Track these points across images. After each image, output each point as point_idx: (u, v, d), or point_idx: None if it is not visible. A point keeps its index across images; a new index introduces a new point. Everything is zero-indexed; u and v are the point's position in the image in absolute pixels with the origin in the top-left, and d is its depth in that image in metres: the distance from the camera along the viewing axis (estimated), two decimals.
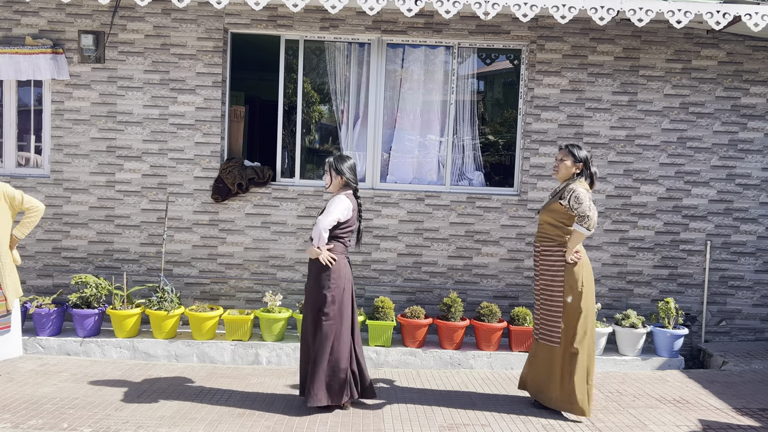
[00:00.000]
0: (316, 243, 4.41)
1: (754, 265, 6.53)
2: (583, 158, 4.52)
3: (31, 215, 4.84)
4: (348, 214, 4.45)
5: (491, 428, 4.31)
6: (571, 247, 4.43)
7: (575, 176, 4.55)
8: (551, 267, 4.52)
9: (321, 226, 4.37)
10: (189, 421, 4.25)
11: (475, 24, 6.32)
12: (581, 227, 4.37)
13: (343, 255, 4.50)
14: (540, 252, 4.61)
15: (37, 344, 5.74)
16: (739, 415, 4.64)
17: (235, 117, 6.74)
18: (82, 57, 6.26)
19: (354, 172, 4.54)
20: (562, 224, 4.48)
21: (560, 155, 4.57)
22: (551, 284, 4.52)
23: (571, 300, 4.44)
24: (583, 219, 4.35)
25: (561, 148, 4.63)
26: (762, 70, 6.43)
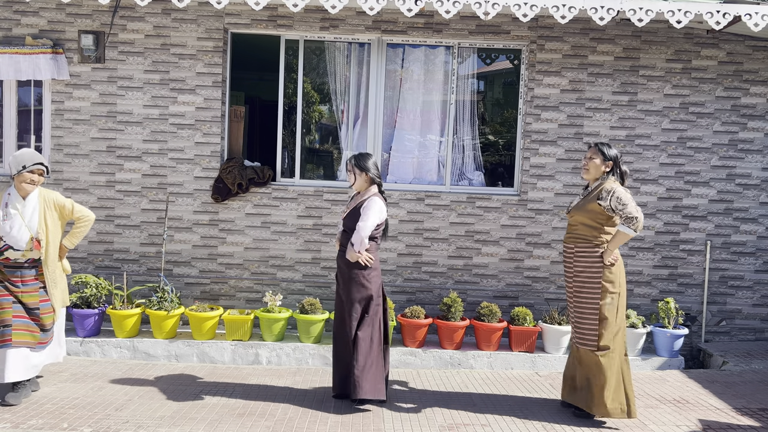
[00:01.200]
0: (358, 248, 4.45)
1: (754, 265, 6.53)
2: (613, 156, 4.43)
3: (81, 225, 4.63)
4: (383, 215, 4.56)
5: (491, 428, 4.31)
6: (612, 249, 4.32)
7: (605, 175, 4.45)
8: (588, 268, 4.39)
9: (363, 234, 4.43)
10: (189, 421, 4.25)
11: (475, 24, 6.32)
12: (628, 229, 4.28)
13: (376, 252, 4.61)
14: (574, 253, 4.46)
15: None
16: (739, 415, 4.64)
17: (235, 117, 6.74)
18: (82, 57, 6.26)
19: (378, 168, 4.64)
20: (599, 225, 4.37)
21: (589, 153, 4.47)
22: (587, 286, 4.39)
23: (609, 302, 4.34)
24: (630, 221, 4.25)
25: (590, 146, 4.53)
26: (762, 70, 6.43)
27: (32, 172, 4.34)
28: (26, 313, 4.43)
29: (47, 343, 4.56)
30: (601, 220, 4.37)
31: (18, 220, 4.37)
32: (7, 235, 4.36)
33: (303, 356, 5.79)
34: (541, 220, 6.44)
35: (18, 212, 4.39)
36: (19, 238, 4.37)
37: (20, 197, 4.41)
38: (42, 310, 4.47)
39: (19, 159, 4.32)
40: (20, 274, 4.42)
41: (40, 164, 4.36)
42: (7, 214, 4.37)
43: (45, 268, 4.48)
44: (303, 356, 5.79)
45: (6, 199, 4.41)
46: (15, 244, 4.37)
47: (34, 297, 4.45)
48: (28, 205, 4.41)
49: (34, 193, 4.45)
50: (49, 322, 4.51)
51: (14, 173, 4.32)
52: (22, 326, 4.39)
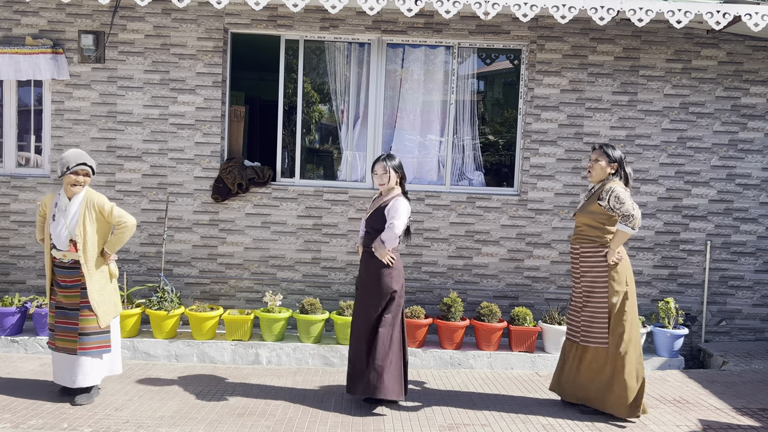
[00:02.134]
0: (390, 246, 4.50)
1: (754, 265, 6.53)
2: (618, 158, 4.49)
3: (120, 231, 4.51)
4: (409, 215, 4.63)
5: (491, 428, 4.31)
6: (614, 248, 4.39)
7: (610, 176, 4.51)
8: (593, 268, 4.46)
9: (397, 232, 4.49)
10: (189, 421, 4.25)
11: (475, 24, 6.32)
12: (626, 227, 4.34)
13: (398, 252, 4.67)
14: (580, 254, 4.53)
15: (37, 344, 5.74)
16: (739, 415, 4.64)
17: (235, 117, 6.74)
18: (82, 57, 6.26)
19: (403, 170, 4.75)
20: (602, 225, 4.44)
21: (594, 156, 4.52)
22: (594, 286, 4.46)
23: (616, 301, 4.41)
24: (627, 219, 4.32)
25: (594, 148, 4.57)
26: (762, 70, 6.43)
27: (76, 173, 4.36)
28: (66, 318, 4.46)
29: (94, 350, 4.44)
30: (602, 220, 4.43)
31: (62, 220, 4.43)
32: (54, 236, 4.45)
33: (303, 356, 5.79)
34: (541, 220, 6.44)
35: (62, 213, 4.45)
36: (62, 239, 4.44)
37: (67, 198, 4.46)
38: (82, 312, 4.42)
39: (64, 161, 4.36)
40: (64, 273, 4.47)
41: (83, 164, 4.38)
42: (56, 215, 4.45)
43: (84, 270, 4.46)
44: (303, 356, 5.79)
45: (56, 200, 4.49)
46: (58, 244, 4.45)
47: (75, 298, 4.45)
48: (71, 207, 4.45)
49: (80, 194, 4.47)
50: (88, 326, 4.41)
51: (59, 174, 4.37)
52: (63, 333, 4.46)
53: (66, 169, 4.32)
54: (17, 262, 6.37)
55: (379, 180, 4.62)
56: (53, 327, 4.51)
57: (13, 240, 6.35)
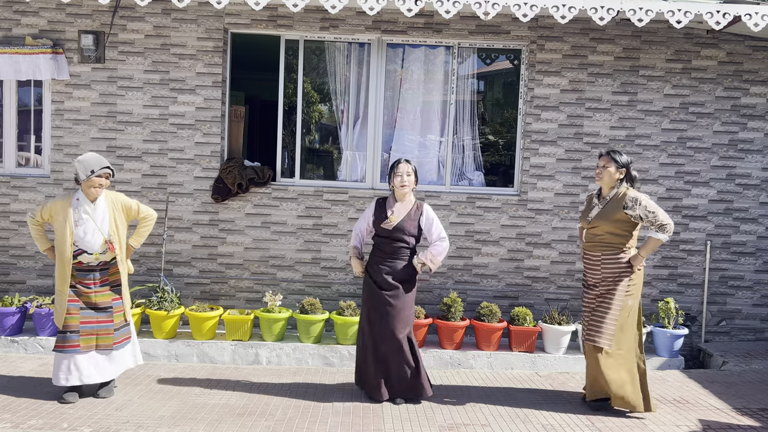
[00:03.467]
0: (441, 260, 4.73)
1: (754, 265, 6.53)
2: (626, 163, 4.57)
3: (146, 223, 4.73)
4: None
5: (491, 428, 4.31)
6: (644, 256, 4.51)
7: (619, 182, 4.57)
8: (614, 273, 4.51)
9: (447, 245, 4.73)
10: (189, 421, 4.25)
11: (475, 24, 6.32)
12: (662, 235, 4.46)
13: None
14: (601, 261, 4.55)
15: (37, 344, 5.74)
16: (739, 415, 4.64)
17: (235, 117, 6.74)
18: (82, 57, 6.26)
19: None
20: (627, 232, 4.52)
21: (602, 162, 4.56)
22: (613, 289, 4.50)
23: (632, 303, 4.53)
24: (663, 228, 4.43)
25: (602, 154, 4.61)
26: (762, 70, 6.43)
27: (100, 176, 4.39)
28: (97, 315, 4.50)
29: (126, 341, 4.64)
30: (627, 227, 4.52)
31: (90, 224, 4.44)
32: (80, 240, 4.44)
33: (303, 356, 5.79)
34: (541, 220, 6.44)
35: (89, 216, 4.45)
36: (93, 242, 4.45)
37: (89, 201, 4.47)
38: (115, 308, 4.57)
39: (86, 164, 4.36)
40: (93, 276, 4.50)
41: (107, 168, 4.42)
42: (78, 220, 4.43)
43: (121, 267, 4.60)
44: (303, 356, 5.79)
45: (75, 205, 4.46)
46: (88, 248, 4.45)
47: (106, 296, 4.55)
48: (98, 209, 4.49)
49: (101, 196, 4.52)
50: (120, 321, 4.60)
51: (83, 178, 4.35)
52: (92, 332, 4.48)
53: (90, 172, 4.34)
54: (17, 262, 6.37)
55: (402, 181, 4.64)
56: (76, 329, 4.43)
57: (13, 240, 6.35)
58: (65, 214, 4.43)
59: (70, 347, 4.43)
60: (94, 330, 4.48)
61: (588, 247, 4.64)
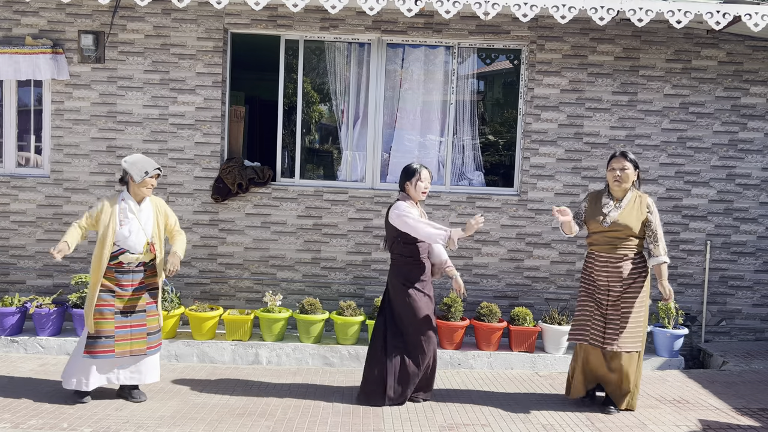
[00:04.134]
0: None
1: (754, 265, 6.53)
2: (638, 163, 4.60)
3: (182, 238, 4.70)
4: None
5: (491, 428, 4.31)
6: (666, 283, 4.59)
7: (634, 184, 4.60)
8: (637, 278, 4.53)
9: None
10: (189, 421, 4.25)
11: (475, 24, 6.32)
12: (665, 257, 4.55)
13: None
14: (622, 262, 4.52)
15: (37, 344, 5.74)
16: (739, 415, 4.64)
17: (235, 117, 6.74)
18: (82, 57, 6.26)
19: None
20: (642, 236, 4.56)
21: (619, 164, 4.50)
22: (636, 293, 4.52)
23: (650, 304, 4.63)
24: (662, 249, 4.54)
25: (614, 156, 4.55)
26: (762, 70, 6.43)
27: (152, 177, 4.45)
28: (132, 320, 4.47)
29: (157, 348, 4.62)
30: (643, 230, 4.56)
31: (135, 224, 4.46)
32: (124, 240, 4.44)
33: (303, 356, 5.79)
34: (541, 220, 6.44)
35: (135, 216, 4.47)
36: (136, 243, 4.46)
37: (135, 202, 4.50)
38: (149, 312, 4.55)
39: (140, 166, 4.40)
40: (131, 277, 4.49)
41: (158, 169, 4.47)
42: (123, 220, 4.45)
43: (159, 270, 4.61)
44: (303, 356, 5.79)
45: (121, 205, 4.48)
46: (131, 248, 4.46)
47: (142, 300, 4.53)
48: (143, 210, 4.51)
49: (147, 198, 4.56)
50: (154, 325, 4.58)
51: (138, 180, 4.38)
52: (127, 336, 4.46)
53: (145, 173, 4.38)
54: (17, 262, 6.37)
55: (426, 186, 4.72)
56: (111, 334, 4.38)
57: (13, 240, 6.35)
58: (110, 214, 4.45)
59: (102, 353, 4.36)
60: (128, 335, 4.45)
61: (607, 250, 4.56)
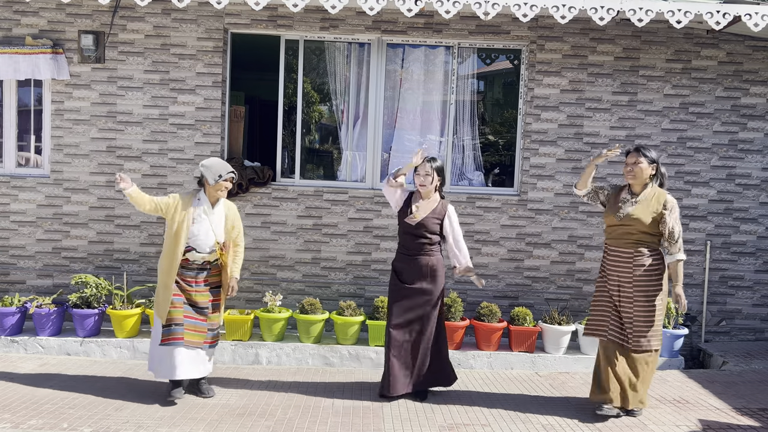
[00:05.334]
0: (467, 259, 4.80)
1: (754, 265, 6.53)
2: (656, 158, 4.49)
3: (239, 251, 4.80)
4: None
5: (491, 428, 4.31)
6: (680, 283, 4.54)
7: (651, 179, 4.50)
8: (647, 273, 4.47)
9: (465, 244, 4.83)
10: (189, 421, 4.25)
11: (475, 24, 6.32)
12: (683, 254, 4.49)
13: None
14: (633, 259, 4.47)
15: (37, 344, 5.74)
16: (739, 415, 4.64)
17: (235, 117, 6.74)
18: (82, 57, 6.26)
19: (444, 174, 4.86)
20: (659, 233, 4.48)
21: (633, 158, 4.45)
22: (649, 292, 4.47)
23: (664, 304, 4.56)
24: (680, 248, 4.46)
25: (630, 151, 4.51)
26: (762, 70, 6.43)
27: (226, 180, 4.59)
28: (195, 314, 4.62)
29: (215, 343, 4.77)
30: (657, 228, 4.46)
31: (206, 224, 4.61)
32: (194, 238, 4.59)
33: (303, 356, 5.79)
34: (541, 220, 6.44)
35: (207, 217, 4.62)
36: (205, 242, 4.61)
37: (210, 203, 4.66)
38: (210, 310, 4.68)
39: (215, 169, 4.56)
40: (195, 274, 4.63)
41: (231, 173, 4.61)
42: (196, 218, 4.60)
43: (224, 272, 4.72)
44: (303, 356, 5.79)
45: (196, 204, 4.63)
46: (199, 247, 4.60)
47: (205, 296, 4.66)
48: (216, 212, 4.67)
49: (221, 201, 4.72)
50: (215, 322, 4.73)
51: (212, 183, 4.54)
52: (191, 327, 4.60)
53: (218, 176, 4.54)
54: (17, 262, 6.37)
55: (420, 181, 4.71)
56: (181, 322, 4.55)
57: (13, 240, 6.35)
58: (186, 210, 4.60)
59: (175, 339, 4.53)
60: (192, 326, 4.60)
61: (619, 244, 4.52)
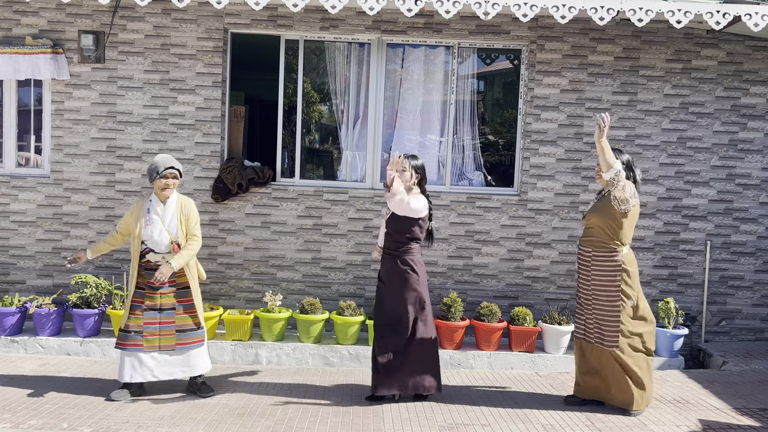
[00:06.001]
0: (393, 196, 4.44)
1: (754, 265, 6.53)
2: (625, 161, 4.56)
3: (190, 246, 4.64)
4: (426, 211, 4.65)
5: (491, 428, 4.31)
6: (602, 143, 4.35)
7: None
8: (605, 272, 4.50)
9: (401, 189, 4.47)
10: (189, 421, 4.25)
11: (475, 24, 6.32)
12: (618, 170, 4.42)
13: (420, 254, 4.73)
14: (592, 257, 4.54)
15: (37, 344, 5.74)
16: (739, 415, 4.64)
17: (235, 117, 6.74)
18: (82, 57, 6.26)
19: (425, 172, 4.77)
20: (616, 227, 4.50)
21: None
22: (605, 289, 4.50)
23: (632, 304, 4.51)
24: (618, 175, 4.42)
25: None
26: (762, 70, 6.43)
27: (165, 176, 4.49)
28: (161, 317, 4.57)
29: (197, 343, 4.68)
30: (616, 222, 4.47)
31: (159, 224, 4.56)
32: (149, 239, 4.56)
33: (303, 356, 5.79)
34: (541, 220, 6.44)
35: (159, 217, 4.56)
36: (160, 242, 4.56)
37: (160, 202, 4.60)
38: (178, 311, 4.62)
39: (153, 166, 4.50)
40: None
41: (171, 168, 4.49)
42: (149, 220, 4.55)
43: (186, 270, 4.65)
44: (303, 356, 5.79)
45: (148, 205, 4.60)
46: (156, 248, 4.57)
47: (170, 298, 4.60)
48: (167, 210, 4.60)
49: (173, 197, 4.63)
50: (186, 323, 4.64)
51: (151, 181, 4.50)
52: (153, 332, 4.55)
53: (156, 173, 4.46)
54: (17, 262, 6.37)
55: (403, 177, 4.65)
56: (139, 329, 4.53)
57: (13, 240, 6.35)
58: (138, 214, 4.58)
59: (132, 345, 4.53)
60: (157, 331, 4.56)
61: (581, 242, 4.68)
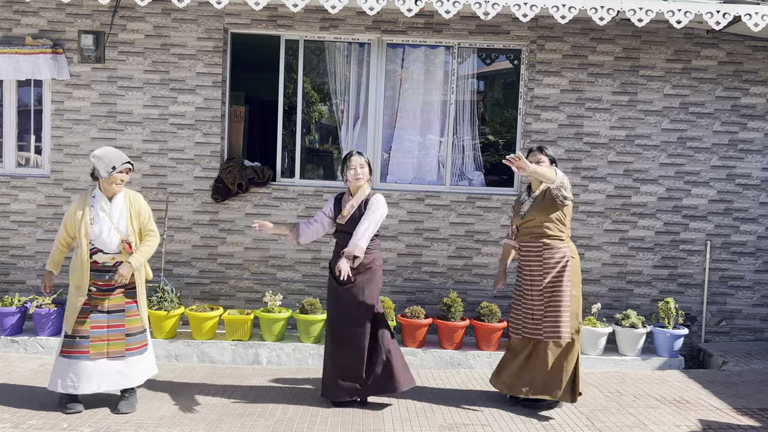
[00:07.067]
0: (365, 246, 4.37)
1: (754, 265, 6.53)
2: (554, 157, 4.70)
3: (149, 242, 4.36)
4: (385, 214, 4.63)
5: (491, 428, 4.31)
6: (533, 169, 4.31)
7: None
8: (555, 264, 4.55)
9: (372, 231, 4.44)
10: (189, 421, 4.25)
11: (475, 24, 6.32)
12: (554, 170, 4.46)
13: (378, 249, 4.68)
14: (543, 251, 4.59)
15: (37, 344, 5.74)
16: (739, 415, 4.64)
17: (235, 117, 6.74)
18: (82, 57, 6.26)
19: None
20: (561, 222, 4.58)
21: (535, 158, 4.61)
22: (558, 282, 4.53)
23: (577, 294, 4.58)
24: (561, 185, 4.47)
25: (532, 150, 4.70)
26: (762, 70, 6.43)
27: (121, 172, 4.18)
28: (110, 319, 4.27)
29: (143, 348, 4.41)
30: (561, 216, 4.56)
31: (107, 222, 4.24)
32: (96, 239, 4.23)
33: (303, 356, 5.79)
34: None
35: (106, 214, 4.24)
36: (109, 241, 4.24)
37: (106, 198, 4.27)
38: (128, 312, 4.34)
39: (107, 160, 4.14)
40: (107, 277, 4.28)
41: (127, 163, 4.20)
42: (95, 218, 4.23)
43: (137, 271, 4.34)
44: (303, 356, 5.79)
45: (91, 202, 4.26)
46: (105, 248, 4.26)
47: (120, 299, 4.31)
48: (115, 207, 4.27)
49: (120, 193, 4.31)
50: (135, 326, 4.36)
51: (104, 176, 4.13)
52: (101, 338, 4.25)
53: (112, 169, 4.12)
54: (17, 262, 6.37)
55: (355, 174, 4.50)
56: (86, 334, 4.22)
57: (13, 240, 6.35)
58: (82, 213, 4.22)
59: (77, 353, 4.20)
60: (104, 335, 4.24)
61: (526, 240, 4.68)
